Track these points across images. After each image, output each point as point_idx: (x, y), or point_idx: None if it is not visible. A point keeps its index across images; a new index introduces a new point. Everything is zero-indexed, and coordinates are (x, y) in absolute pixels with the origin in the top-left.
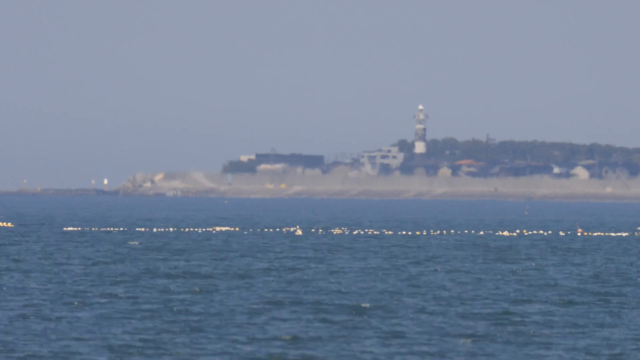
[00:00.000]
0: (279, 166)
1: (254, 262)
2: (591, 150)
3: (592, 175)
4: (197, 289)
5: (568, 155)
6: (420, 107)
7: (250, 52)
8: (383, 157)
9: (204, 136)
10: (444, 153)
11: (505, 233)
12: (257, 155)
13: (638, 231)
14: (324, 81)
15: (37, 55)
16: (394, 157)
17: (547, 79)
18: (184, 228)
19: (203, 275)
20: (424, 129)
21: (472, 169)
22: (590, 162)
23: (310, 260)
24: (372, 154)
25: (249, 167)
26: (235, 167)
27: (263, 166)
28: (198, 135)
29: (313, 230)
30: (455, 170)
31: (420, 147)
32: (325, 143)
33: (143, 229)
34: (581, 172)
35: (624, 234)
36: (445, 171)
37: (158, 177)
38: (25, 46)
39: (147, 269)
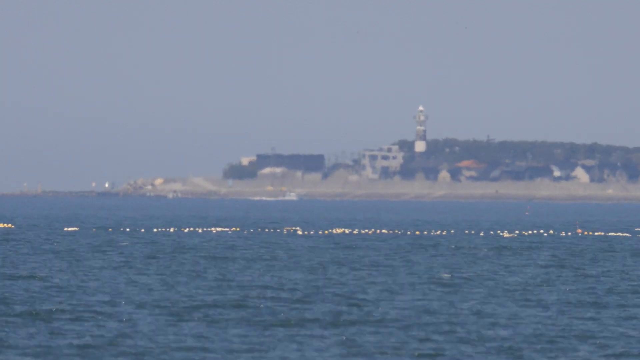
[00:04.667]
0: (279, 170)
1: None
2: (591, 150)
3: (592, 179)
4: None
5: (568, 154)
6: (421, 108)
7: (250, 53)
8: (384, 157)
9: (204, 137)
10: (444, 152)
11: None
12: (258, 156)
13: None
14: (324, 81)
15: (38, 59)
16: (394, 157)
17: (547, 79)
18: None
19: None
20: (424, 130)
21: (472, 173)
22: (590, 162)
23: None
24: (373, 153)
25: (249, 172)
26: (235, 172)
27: (263, 170)
28: (198, 136)
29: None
30: (455, 173)
31: (420, 146)
32: (326, 143)
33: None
34: (581, 175)
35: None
36: (445, 175)
37: (158, 181)
38: (27, 50)
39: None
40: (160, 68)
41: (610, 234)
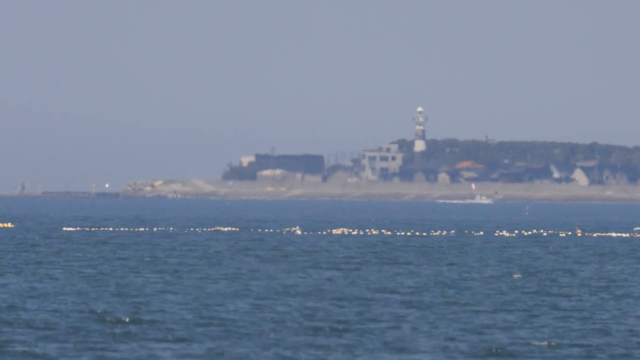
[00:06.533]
0: (279, 172)
1: None
2: (591, 149)
3: (591, 181)
4: None
5: (568, 154)
6: (420, 109)
7: (250, 53)
8: (383, 158)
9: (204, 137)
10: (444, 152)
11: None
12: (257, 156)
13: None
14: (323, 81)
15: (39, 59)
16: (393, 157)
17: (547, 79)
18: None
19: None
20: (423, 131)
21: (471, 174)
22: (590, 163)
23: None
24: (372, 154)
25: (249, 173)
26: (235, 174)
27: (263, 172)
28: (198, 137)
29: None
30: (454, 175)
31: (420, 146)
32: (325, 143)
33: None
34: (581, 177)
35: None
36: (444, 177)
37: (158, 182)
38: (28, 50)
39: None
40: (160, 68)
41: None
